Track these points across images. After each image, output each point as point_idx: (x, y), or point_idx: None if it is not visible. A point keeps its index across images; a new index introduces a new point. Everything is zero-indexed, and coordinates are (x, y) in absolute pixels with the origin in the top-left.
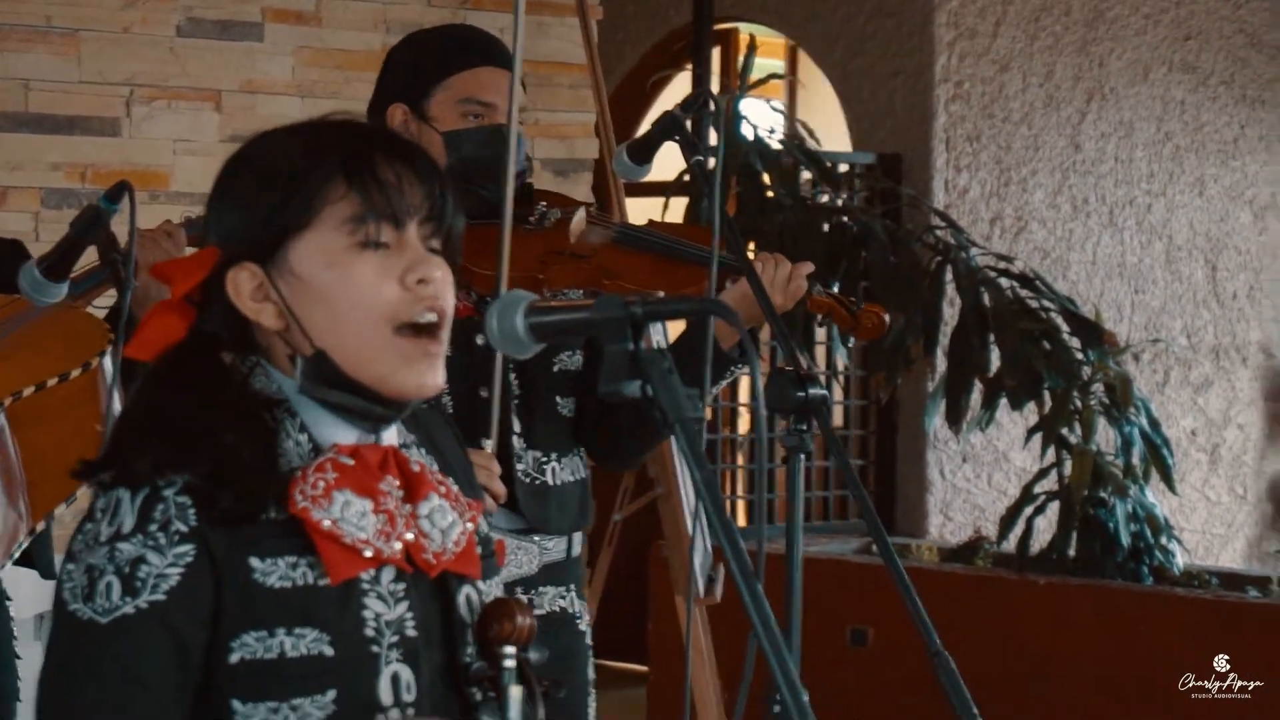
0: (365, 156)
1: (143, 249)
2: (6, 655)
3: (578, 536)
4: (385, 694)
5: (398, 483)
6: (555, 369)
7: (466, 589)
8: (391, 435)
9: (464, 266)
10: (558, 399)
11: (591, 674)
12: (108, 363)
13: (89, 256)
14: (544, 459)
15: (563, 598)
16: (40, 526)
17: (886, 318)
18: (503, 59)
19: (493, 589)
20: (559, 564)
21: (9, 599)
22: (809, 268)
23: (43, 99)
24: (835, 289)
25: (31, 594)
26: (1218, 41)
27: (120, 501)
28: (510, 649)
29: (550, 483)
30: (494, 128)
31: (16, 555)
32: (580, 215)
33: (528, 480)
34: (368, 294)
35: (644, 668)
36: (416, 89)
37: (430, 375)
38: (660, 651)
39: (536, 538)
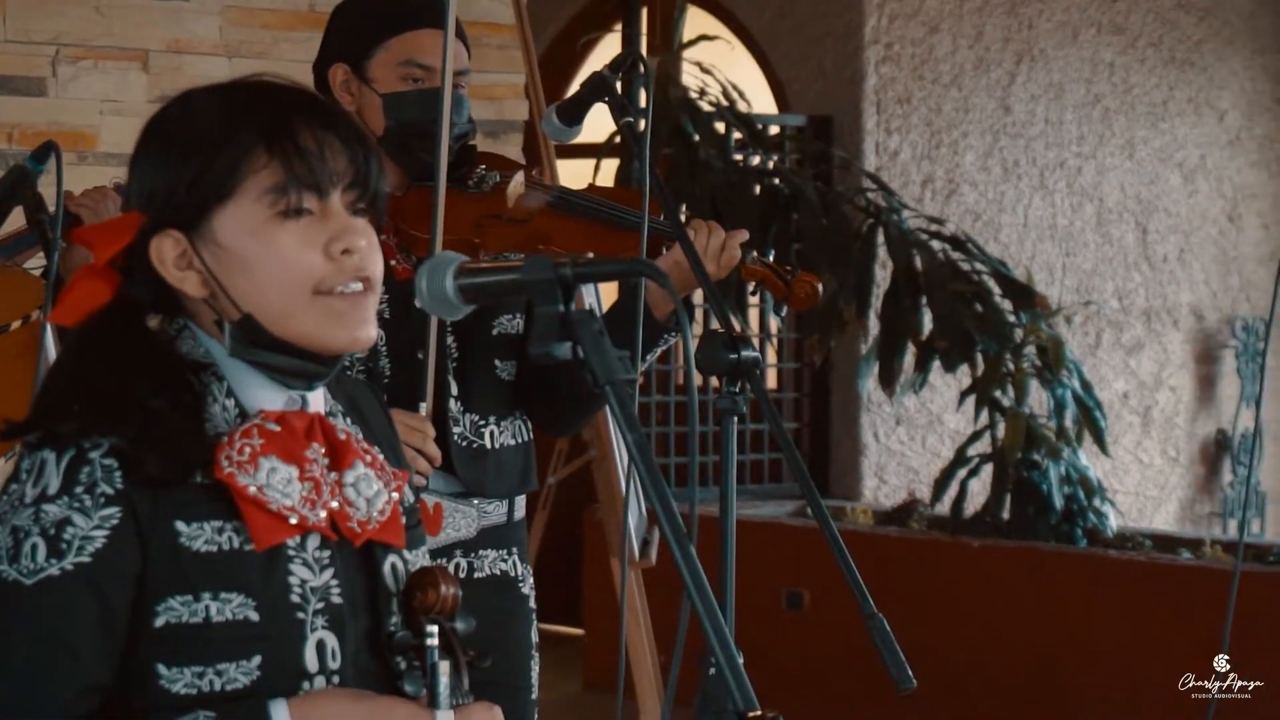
0: (286, 124)
1: (94, 211)
2: None
3: (519, 500)
4: (311, 660)
5: (323, 450)
6: (494, 332)
7: (391, 558)
8: (318, 401)
9: (404, 230)
10: (496, 362)
11: (535, 637)
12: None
13: (16, 218)
14: (482, 422)
15: (504, 561)
16: None
17: (820, 287)
18: (444, 20)
19: (418, 558)
20: (499, 527)
21: None
22: (743, 236)
23: None
24: (770, 257)
25: None
26: (1146, 3)
27: (45, 463)
28: (434, 620)
29: (488, 446)
30: (433, 90)
31: None
32: (518, 179)
33: (464, 444)
34: (291, 264)
35: (579, 631)
36: (357, 50)
37: (363, 328)
38: (595, 614)
39: (475, 501)
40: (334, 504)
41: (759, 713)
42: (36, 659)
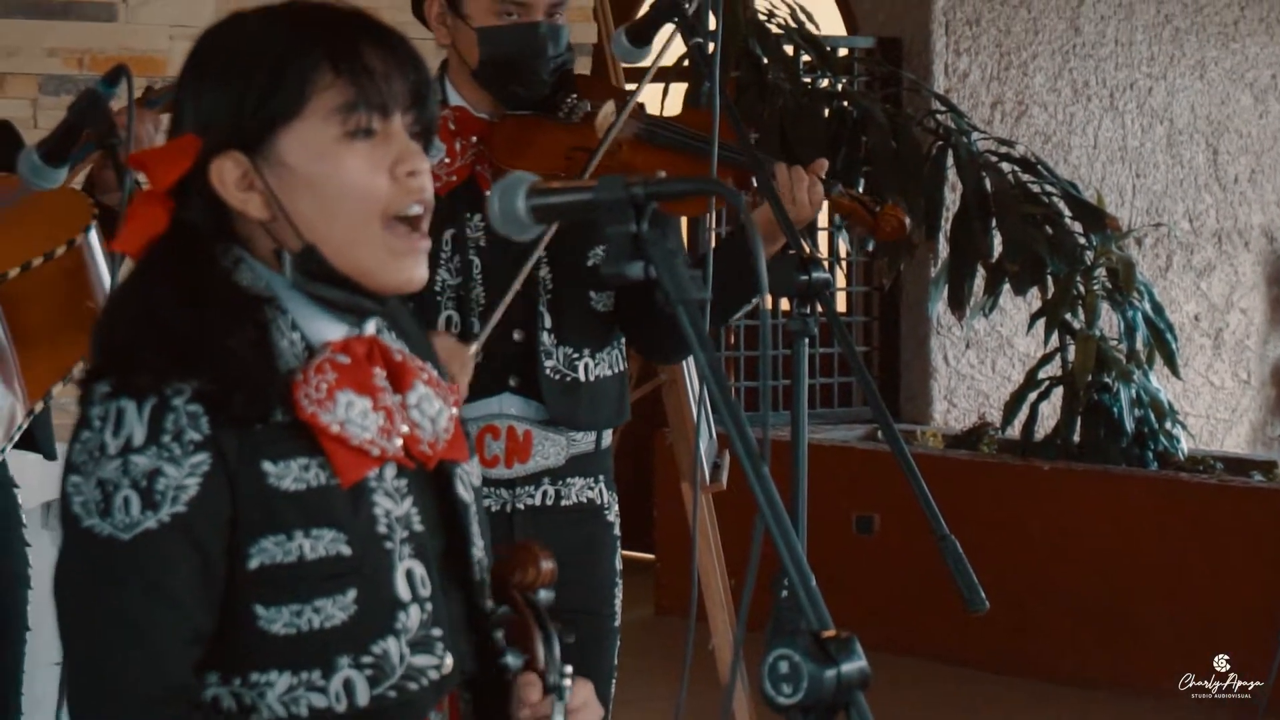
0: (351, 44)
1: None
2: (15, 543)
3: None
4: (403, 590)
5: (384, 374)
6: (589, 263)
7: (458, 471)
8: (370, 325)
9: (496, 161)
10: (591, 294)
11: (619, 564)
12: (93, 237)
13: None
14: (575, 355)
15: (591, 489)
16: (39, 407)
17: (907, 220)
18: None
19: (473, 467)
20: (587, 455)
21: (16, 486)
22: (823, 166)
23: None
24: (860, 189)
25: (38, 481)
26: None
27: (124, 412)
28: (527, 597)
29: (581, 379)
30: (528, 25)
31: (16, 438)
32: (607, 109)
33: (556, 376)
34: (360, 187)
35: (650, 556)
36: None
37: (417, 269)
38: (666, 539)
39: (565, 429)
40: (404, 429)
41: (833, 632)
42: (141, 613)
